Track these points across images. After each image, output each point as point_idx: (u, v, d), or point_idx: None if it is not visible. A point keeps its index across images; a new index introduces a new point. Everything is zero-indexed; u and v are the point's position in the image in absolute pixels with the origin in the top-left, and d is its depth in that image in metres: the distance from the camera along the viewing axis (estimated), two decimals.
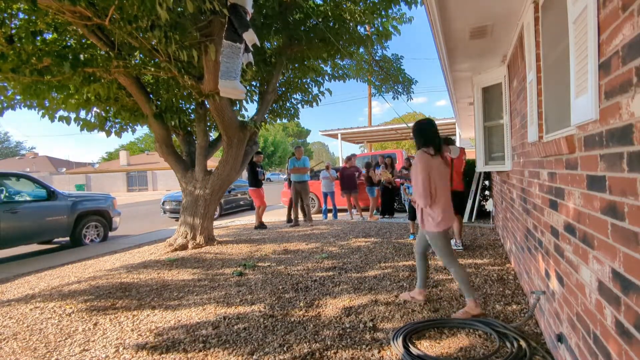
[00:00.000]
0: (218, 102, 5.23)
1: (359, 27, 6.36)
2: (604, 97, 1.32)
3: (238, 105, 6.57)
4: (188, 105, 6.57)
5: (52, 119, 5.43)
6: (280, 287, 3.80)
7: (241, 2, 3.99)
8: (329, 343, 2.53)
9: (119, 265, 5.11)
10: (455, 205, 4.52)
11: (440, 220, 2.85)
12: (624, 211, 1.17)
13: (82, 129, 5.81)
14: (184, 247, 5.89)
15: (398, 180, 8.97)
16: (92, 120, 5.91)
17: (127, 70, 4.88)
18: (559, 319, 2.01)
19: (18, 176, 6.92)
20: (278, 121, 7.79)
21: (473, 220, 7.44)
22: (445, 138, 6.86)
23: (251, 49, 4.33)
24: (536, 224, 2.65)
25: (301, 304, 3.28)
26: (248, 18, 4.09)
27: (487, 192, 8.02)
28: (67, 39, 5.16)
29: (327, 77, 7.43)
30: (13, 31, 4.38)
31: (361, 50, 7.64)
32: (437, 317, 2.85)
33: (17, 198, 6.48)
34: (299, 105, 7.67)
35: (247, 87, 6.55)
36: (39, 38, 4.50)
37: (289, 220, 8.55)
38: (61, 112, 5.52)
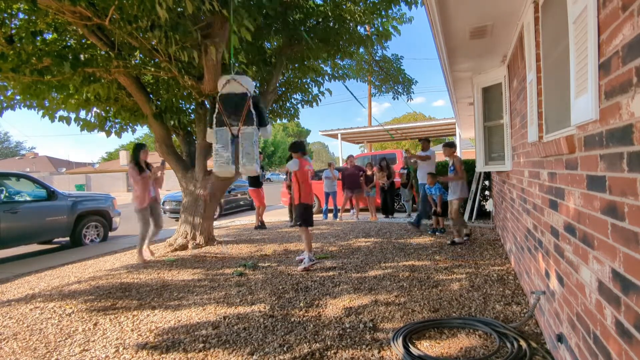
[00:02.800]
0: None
1: (359, 27, 6.36)
2: (604, 97, 1.32)
3: None
4: (188, 105, 6.57)
5: (52, 119, 5.44)
6: (281, 287, 3.80)
7: (251, 89, 4.40)
8: (329, 343, 2.53)
9: (119, 266, 5.11)
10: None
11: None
12: (624, 211, 1.17)
13: (82, 129, 5.82)
14: (184, 247, 5.89)
15: (398, 180, 8.99)
16: (92, 120, 5.92)
17: (127, 70, 4.89)
18: (559, 319, 2.01)
19: (18, 176, 6.92)
20: (278, 121, 7.80)
21: (473, 220, 7.45)
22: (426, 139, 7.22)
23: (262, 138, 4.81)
24: (536, 224, 2.65)
25: (301, 304, 3.28)
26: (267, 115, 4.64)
27: (487, 192, 8.03)
28: (67, 39, 5.17)
29: (327, 77, 7.43)
30: (13, 31, 4.38)
31: (361, 50, 7.64)
32: (437, 317, 2.85)
33: (17, 198, 6.48)
34: (299, 105, 7.67)
35: None
36: (39, 38, 4.50)
37: (291, 219, 8.52)
38: (61, 112, 5.53)
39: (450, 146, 5.82)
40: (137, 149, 5.01)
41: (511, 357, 2.17)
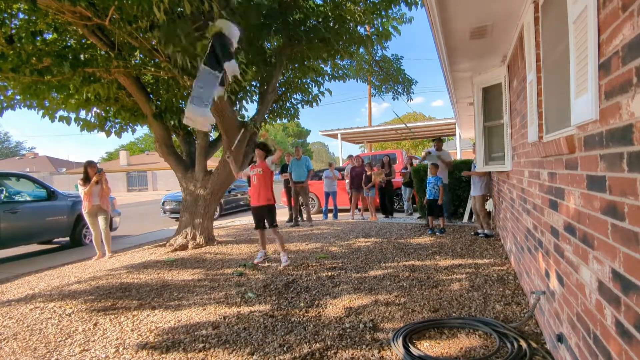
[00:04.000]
0: (218, 103, 5.23)
1: (359, 27, 6.36)
2: (604, 97, 1.32)
3: (238, 106, 6.58)
4: None
5: (52, 119, 5.44)
6: (281, 287, 3.79)
7: (227, 32, 3.97)
8: (329, 343, 2.53)
9: (119, 266, 5.11)
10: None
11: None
12: (624, 211, 1.17)
13: (82, 129, 5.83)
14: (184, 247, 5.89)
15: (397, 180, 8.99)
16: (92, 120, 5.93)
17: (127, 70, 4.89)
18: (559, 319, 2.01)
19: (18, 176, 6.92)
20: (278, 121, 7.80)
21: (473, 220, 7.44)
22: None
23: (230, 80, 4.26)
24: (536, 224, 2.65)
25: (301, 304, 3.28)
26: (232, 49, 4.04)
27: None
28: (67, 39, 5.17)
29: (327, 77, 7.43)
30: (13, 31, 4.38)
31: (361, 50, 7.64)
32: (437, 317, 2.85)
33: (17, 198, 6.48)
34: (299, 105, 7.68)
35: (247, 87, 6.56)
36: (39, 38, 4.50)
37: (290, 219, 8.55)
38: (61, 112, 5.54)
39: None
40: (85, 166, 5.85)
41: (511, 357, 2.17)
